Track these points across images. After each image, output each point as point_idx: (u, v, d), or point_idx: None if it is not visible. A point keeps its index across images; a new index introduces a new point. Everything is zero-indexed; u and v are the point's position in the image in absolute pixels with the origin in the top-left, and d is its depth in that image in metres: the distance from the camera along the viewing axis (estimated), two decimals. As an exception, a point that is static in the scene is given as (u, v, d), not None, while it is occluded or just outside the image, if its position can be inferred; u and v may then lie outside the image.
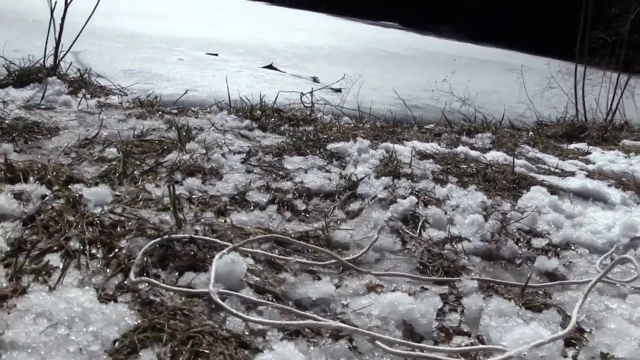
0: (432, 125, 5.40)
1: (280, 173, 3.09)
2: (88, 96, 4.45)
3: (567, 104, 8.25)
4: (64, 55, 4.90)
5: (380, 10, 48.69)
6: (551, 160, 4.40)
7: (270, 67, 15.44)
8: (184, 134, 3.48)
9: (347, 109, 5.64)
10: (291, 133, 4.07)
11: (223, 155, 3.14)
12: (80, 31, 5.13)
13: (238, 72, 14.16)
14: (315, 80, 14.39)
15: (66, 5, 4.87)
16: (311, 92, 5.12)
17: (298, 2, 47.53)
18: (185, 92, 5.66)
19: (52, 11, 4.90)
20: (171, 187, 2.27)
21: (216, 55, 16.22)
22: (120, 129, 3.61)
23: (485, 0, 45.49)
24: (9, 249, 1.93)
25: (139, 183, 2.63)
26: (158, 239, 2.03)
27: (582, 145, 5.21)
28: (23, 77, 4.61)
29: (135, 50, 14.65)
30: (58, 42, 4.85)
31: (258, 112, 4.48)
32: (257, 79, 13.33)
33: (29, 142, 3.16)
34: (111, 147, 3.12)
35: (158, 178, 2.71)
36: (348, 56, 19.36)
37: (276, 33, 23.17)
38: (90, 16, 5.08)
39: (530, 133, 5.62)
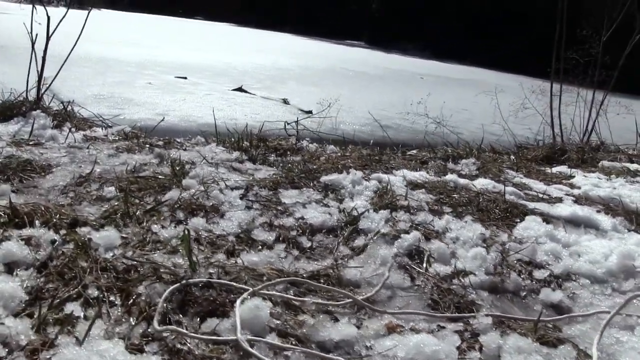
0: (415, 152, 5.45)
1: (279, 208, 3.10)
2: (73, 129, 4.41)
3: (541, 124, 8.38)
4: (47, 88, 4.85)
5: (345, 29, 49.09)
6: (537, 185, 4.46)
7: (240, 89, 15.47)
8: (178, 169, 3.47)
9: (325, 133, 5.67)
10: (281, 164, 4.09)
11: (221, 191, 3.13)
12: (63, 63, 5.11)
13: (208, 95, 14.18)
14: (285, 102, 14.45)
15: (47, 38, 4.85)
16: (297, 122, 5.12)
17: (264, 23, 47.68)
18: (162, 120, 5.66)
19: (32, 44, 4.87)
20: (186, 232, 2.26)
21: (185, 78, 16.23)
22: (113, 165, 3.59)
23: (448, 18, 46.10)
24: (27, 298, 1.91)
25: (144, 224, 2.61)
26: (177, 285, 2.03)
27: (563, 169, 5.29)
28: (6, 111, 4.57)
29: (104, 74, 14.62)
30: (40, 75, 4.82)
31: (245, 143, 4.47)
32: (227, 102, 13.36)
33: (24, 181, 3.13)
34: (108, 186, 3.10)
35: (162, 218, 2.70)
36: (317, 77, 19.50)
37: (244, 55, 23.26)
38: (73, 47, 5.05)
39: (512, 157, 5.70)
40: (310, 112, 13.23)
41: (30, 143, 3.90)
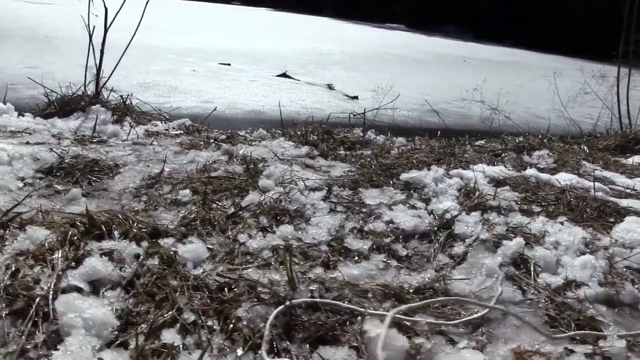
0: (483, 142, 5.19)
1: (364, 210, 2.89)
2: (133, 124, 4.26)
3: (602, 109, 8.04)
4: (106, 82, 4.70)
5: (385, 12, 48.51)
6: (620, 179, 4.20)
7: (284, 75, 15.29)
8: (252, 167, 3.29)
9: (380, 122, 5.43)
10: (352, 160, 3.88)
11: (301, 192, 2.94)
12: (120, 58, 4.95)
13: (253, 82, 14.03)
14: (330, 87, 14.23)
15: (105, 30, 4.69)
16: (364, 113, 4.90)
17: (301, 6, 47.29)
18: (215, 109, 5.53)
19: (90, 36, 4.72)
20: (286, 252, 2.07)
21: (229, 65, 16.09)
22: (181, 163, 3.42)
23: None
24: (118, 323, 1.73)
25: (228, 232, 2.43)
26: (281, 307, 1.83)
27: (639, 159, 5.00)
28: (66, 106, 4.43)
29: (148, 63, 14.52)
30: (99, 69, 4.66)
31: (313, 136, 4.27)
32: (272, 88, 13.20)
33: (93, 184, 2.98)
34: (182, 188, 2.92)
35: (246, 225, 2.51)
36: (359, 61, 19.24)
37: (284, 40, 23.07)
38: (130, 40, 4.89)
39: (584, 147, 5.41)
40: (356, 97, 13.00)
41: (94, 140, 3.75)
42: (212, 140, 4.02)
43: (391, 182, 3.38)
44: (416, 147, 4.44)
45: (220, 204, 2.76)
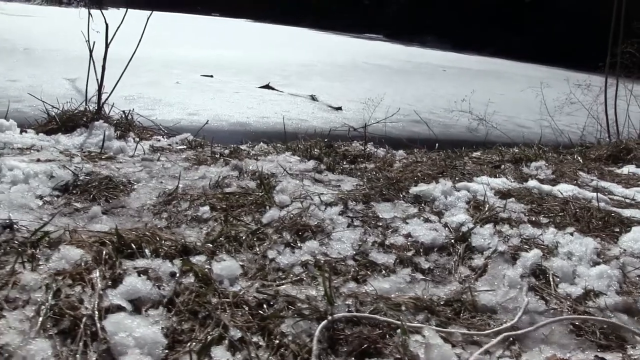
0: (479, 154, 5.27)
1: (380, 224, 2.95)
2: (137, 139, 4.29)
3: (587, 119, 8.19)
4: (108, 97, 4.72)
5: (363, 22, 48.77)
6: (617, 189, 4.29)
7: (267, 86, 15.32)
8: (266, 182, 3.33)
9: (371, 134, 5.47)
10: (359, 173, 3.93)
11: (317, 207, 2.99)
12: (123, 72, 4.97)
13: (236, 93, 14.07)
14: (313, 98, 14.30)
15: (106, 46, 4.71)
16: (365, 127, 4.96)
17: (281, 17, 47.40)
18: (207, 123, 5.58)
19: (90, 52, 4.75)
20: (325, 270, 2.12)
21: (211, 76, 16.10)
22: (192, 179, 3.46)
23: (467, 8, 45.71)
24: (166, 341, 1.77)
25: (256, 249, 2.47)
26: (324, 322, 1.88)
27: (633, 169, 5.11)
28: (68, 122, 4.45)
29: (132, 75, 14.48)
30: (101, 84, 4.68)
31: (316, 150, 4.33)
32: (256, 100, 13.23)
33: (110, 201, 3.01)
34: (200, 204, 2.96)
35: (272, 241, 2.55)
36: (340, 72, 19.35)
37: (265, 51, 23.13)
38: (133, 54, 4.91)
39: (578, 157, 5.51)
40: (339, 108, 13.07)
41: (103, 157, 3.77)
42: (217, 155, 4.05)
43: (401, 195, 3.44)
44: (417, 160, 4.50)
45: (241, 220, 2.80)
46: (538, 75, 26.33)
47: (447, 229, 2.96)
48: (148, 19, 4.78)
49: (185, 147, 4.37)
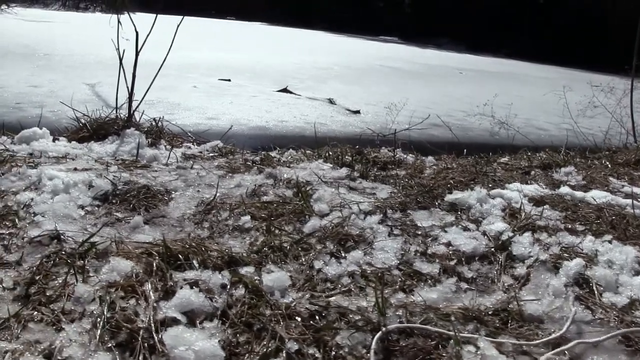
0: (506, 159, 5.26)
1: (419, 232, 2.96)
2: (169, 147, 4.32)
3: (610, 122, 8.15)
4: (138, 105, 4.75)
5: (377, 25, 48.76)
6: (650, 194, 4.28)
7: (285, 90, 15.33)
8: (303, 190, 3.35)
9: (397, 139, 5.47)
10: (391, 181, 3.94)
11: (357, 216, 3.01)
12: (152, 81, 5.01)
13: (254, 97, 14.08)
14: (331, 102, 14.29)
15: (137, 54, 4.75)
16: (394, 133, 4.96)
17: (295, 20, 47.46)
18: (230, 128, 5.60)
19: (120, 60, 4.79)
20: (375, 282, 2.13)
21: (229, 80, 16.13)
22: (228, 187, 3.48)
23: (481, 10, 45.59)
24: (224, 354, 1.79)
25: (302, 259, 2.49)
26: (379, 334, 1.90)
27: (662, 173, 5.09)
28: (100, 129, 4.48)
29: (148, 79, 14.58)
30: (131, 92, 4.72)
31: (347, 157, 4.34)
32: (275, 104, 13.25)
33: (150, 210, 3.03)
34: (240, 214, 2.98)
35: (317, 251, 2.57)
36: (357, 75, 19.33)
37: (281, 54, 23.14)
38: (164, 60, 4.95)
39: (606, 162, 5.48)
40: (357, 112, 13.06)
41: (139, 165, 3.80)
42: (250, 163, 4.08)
43: (436, 203, 3.45)
44: (448, 166, 4.50)
45: (282, 229, 2.82)
46: (554, 77, 26.26)
47: (485, 237, 2.96)
48: (178, 26, 4.82)
49: (216, 154, 4.39)
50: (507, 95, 17.32)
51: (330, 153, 4.48)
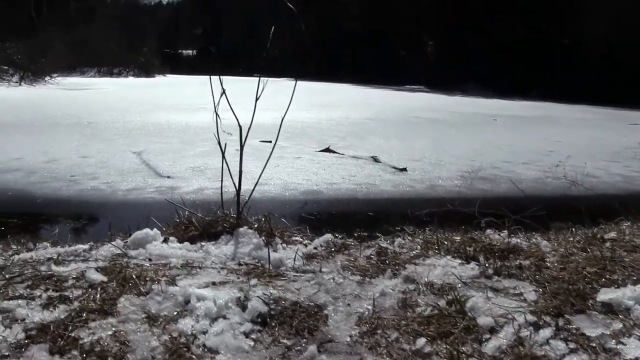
0: (613, 234, 5.11)
1: (593, 345, 2.85)
2: (285, 246, 4.27)
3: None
4: (246, 202, 4.71)
5: (401, 73, 49.05)
6: None
7: (327, 150, 15.33)
8: (458, 298, 3.27)
9: (466, 207, 5.36)
10: (523, 274, 3.82)
11: (524, 328, 2.92)
12: (262, 171, 5.01)
13: (298, 159, 14.08)
14: (376, 160, 14.25)
15: (241, 148, 4.75)
16: (509, 220, 4.85)
17: (320, 74, 47.91)
18: (305, 204, 5.54)
19: (223, 153, 4.79)
20: None
21: (270, 142, 16.17)
22: (374, 296, 3.39)
23: (506, 54, 45.68)
24: None
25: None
26: None
27: None
28: (209, 228, 4.44)
29: (192, 144, 14.61)
30: (239, 189, 4.69)
31: (468, 248, 4.25)
32: (320, 165, 13.22)
33: (313, 333, 2.95)
34: (407, 332, 2.90)
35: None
36: (394, 128, 19.37)
37: (315, 110, 23.25)
38: (272, 148, 4.93)
39: None
40: (404, 169, 13.00)
41: (272, 274, 3.72)
42: (374, 261, 4.00)
43: (589, 304, 3.34)
44: (569, 252, 4.36)
45: (460, 351, 2.73)
46: (589, 118, 26.20)
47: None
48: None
49: (331, 248, 4.32)
50: (547, 140, 17.23)
51: (447, 243, 4.39)
